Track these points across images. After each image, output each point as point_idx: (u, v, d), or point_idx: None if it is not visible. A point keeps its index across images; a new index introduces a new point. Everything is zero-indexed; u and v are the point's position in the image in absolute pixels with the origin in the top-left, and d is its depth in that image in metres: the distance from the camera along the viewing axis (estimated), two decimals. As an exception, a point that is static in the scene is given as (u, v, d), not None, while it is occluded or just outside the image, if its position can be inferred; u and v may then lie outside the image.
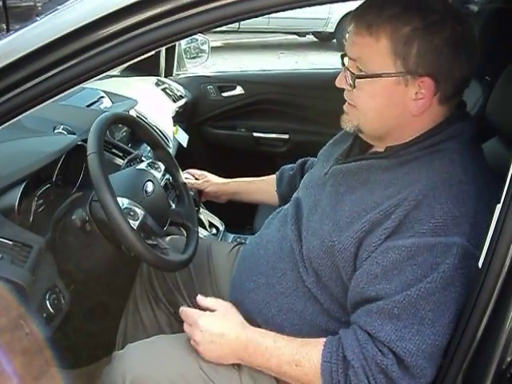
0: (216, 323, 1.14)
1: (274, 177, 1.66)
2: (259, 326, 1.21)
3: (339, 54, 1.14)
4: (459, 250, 0.95)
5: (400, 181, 1.04)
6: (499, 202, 0.90)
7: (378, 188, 1.06)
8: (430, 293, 0.95)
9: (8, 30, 4.68)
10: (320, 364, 1.02)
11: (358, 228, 1.04)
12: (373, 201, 1.05)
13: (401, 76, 1.02)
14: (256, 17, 0.91)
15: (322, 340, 1.05)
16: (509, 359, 0.89)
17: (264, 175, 1.74)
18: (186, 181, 1.61)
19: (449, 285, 0.95)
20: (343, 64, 1.11)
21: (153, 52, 0.95)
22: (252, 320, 1.22)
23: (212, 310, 1.18)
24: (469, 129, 1.10)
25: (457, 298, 0.96)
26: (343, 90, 1.14)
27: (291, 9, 0.91)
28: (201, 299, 1.22)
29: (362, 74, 1.05)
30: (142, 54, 0.93)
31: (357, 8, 1.07)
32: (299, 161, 1.62)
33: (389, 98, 1.05)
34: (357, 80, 1.06)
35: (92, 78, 0.94)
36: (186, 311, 1.19)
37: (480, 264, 0.92)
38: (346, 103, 1.13)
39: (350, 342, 1.00)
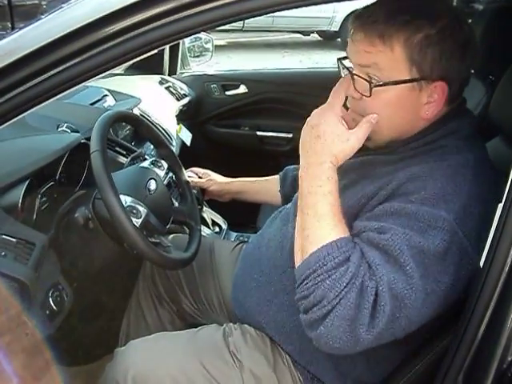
0: (326, 126, 1.01)
1: (277, 177, 1.66)
2: (260, 324, 1.22)
3: (343, 53, 1.10)
4: (445, 223, 0.94)
5: (400, 171, 1.03)
6: (500, 201, 0.90)
7: (378, 180, 1.06)
8: (413, 241, 0.92)
9: (13, 29, 4.70)
10: (330, 242, 0.95)
11: (354, 203, 1.05)
12: (371, 189, 1.05)
13: (415, 82, 1.01)
14: (261, 15, 0.90)
15: (346, 230, 0.98)
16: (510, 358, 0.89)
17: (267, 174, 1.74)
18: (189, 179, 1.62)
19: (434, 255, 0.92)
20: (348, 70, 1.07)
21: (157, 50, 0.96)
22: (253, 318, 1.23)
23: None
24: (468, 124, 1.10)
25: (437, 271, 0.93)
26: None
27: (295, 7, 0.91)
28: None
29: (376, 81, 1.02)
30: (147, 52, 0.93)
31: (360, 16, 1.04)
32: None
33: (403, 105, 1.04)
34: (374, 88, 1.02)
35: (96, 75, 0.94)
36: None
37: (481, 263, 0.92)
38: (351, 114, 1.09)
39: (359, 253, 0.95)
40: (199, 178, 1.76)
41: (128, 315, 1.56)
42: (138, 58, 0.94)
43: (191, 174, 1.75)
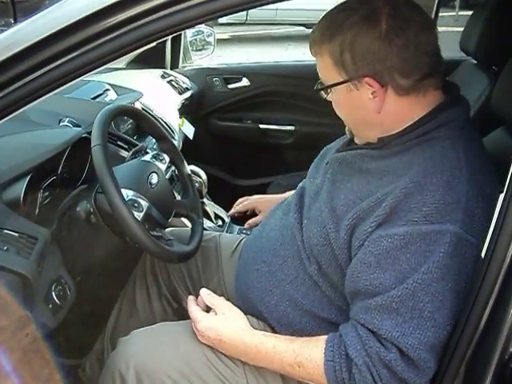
0: (213, 329, 1.13)
1: None
2: (262, 314, 1.22)
3: None
4: (452, 237, 0.95)
5: (393, 169, 1.04)
6: (502, 192, 0.89)
7: (373, 177, 1.07)
8: (426, 284, 0.94)
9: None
10: (323, 363, 1.02)
11: (351, 215, 1.05)
12: (368, 189, 1.06)
13: (348, 83, 1.06)
14: (264, 4, 0.91)
15: (323, 338, 1.06)
16: (511, 350, 0.89)
17: (270, 166, 1.74)
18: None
19: (444, 274, 0.95)
20: None
21: (157, 42, 0.95)
22: (255, 308, 1.23)
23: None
24: (461, 114, 1.09)
25: (454, 286, 0.95)
26: None
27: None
28: (204, 295, 1.20)
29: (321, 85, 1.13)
30: (147, 44, 0.92)
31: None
32: None
33: (349, 105, 1.11)
34: (320, 92, 1.13)
35: (97, 68, 0.93)
36: (189, 310, 1.19)
37: (483, 254, 0.92)
38: None
39: (352, 339, 1.01)
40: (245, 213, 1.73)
41: (119, 306, 1.54)
42: (138, 51, 0.94)
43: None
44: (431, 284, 0.94)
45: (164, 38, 0.95)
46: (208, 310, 1.19)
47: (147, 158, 1.47)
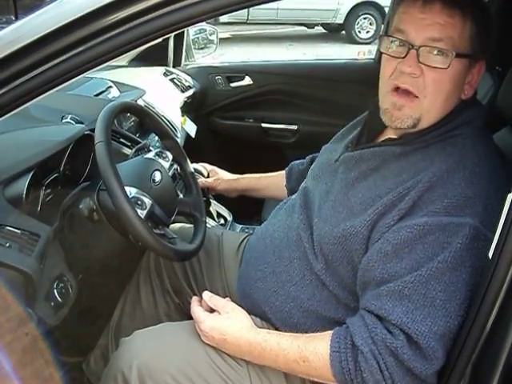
0: (216, 329, 1.12)
1: (283, 172, 1.67)
2: (266, 315, 1.22)
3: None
4: (471, 230, 0.96)
5: (413, 167, 1.05)
6: (510, 191, 0.89)
7: (391, 174, 1.07)
8: (440, 272, 0.95)
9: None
10: (328, 355, 1.01)
11: (371, 211, 1.05)
12: (386, 187, 1.06)
13: (470, 59, 1.05)
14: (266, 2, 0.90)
15: (329, 332, 1.05)
16: (519, 351, 0.89)
17: (272, 165, 1.73)
18: (198, 181, 1.61)
19: (459, 265, 0.95)
20: (410, 44, 1.04)
21: (161, 39, 0.95)
22: (259, 308, 1.23)
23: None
24: (480, 114, 1.12)
25: (468, 279, 0.96)
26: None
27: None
28: (206, 298, 1.19)
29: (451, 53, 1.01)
30: (150, 41, 0.92)
31: None
32: (309, 156, 1.61)
33: (457, 82, 1.07)
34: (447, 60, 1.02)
35: (99, 65, 0.93)
36: (193, 311, 1.18)
37: (491, 252, 0.91)
38: (402, 97, 1.07)
39: (358, 328, 1.00)
40: (207, 176, 1.76)
41: (124, 301, 1.54)
42: (141, 48, 0.94)
43: (199, 168, 1.74)
44: (445, 273, 0.95)
45: (168, 35, 0.95)
46: (211, 311, 1.18)
47: (150, 155, 1.46)
